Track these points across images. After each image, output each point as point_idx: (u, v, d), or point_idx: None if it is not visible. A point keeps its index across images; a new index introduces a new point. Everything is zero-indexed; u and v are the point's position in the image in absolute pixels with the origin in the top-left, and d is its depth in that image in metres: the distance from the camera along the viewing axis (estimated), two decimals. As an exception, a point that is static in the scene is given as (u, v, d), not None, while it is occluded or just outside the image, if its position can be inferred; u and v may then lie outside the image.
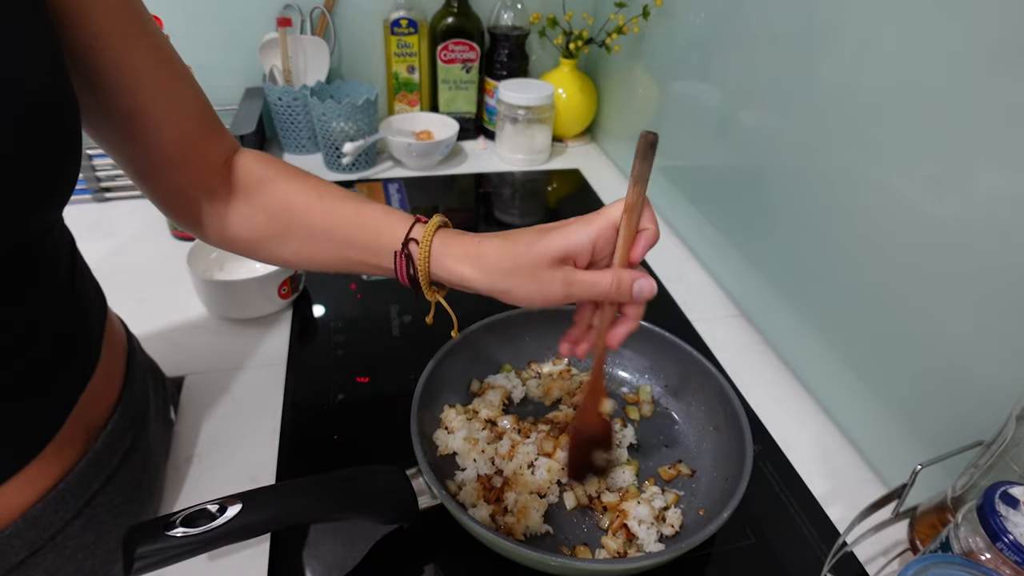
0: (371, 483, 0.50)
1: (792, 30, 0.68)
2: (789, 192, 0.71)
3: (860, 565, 0.53)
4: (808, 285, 0.70)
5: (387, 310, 0.78)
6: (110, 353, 0.50)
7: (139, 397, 0.53)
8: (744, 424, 0.55)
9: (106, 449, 0.47)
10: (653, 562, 0.46)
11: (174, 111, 0.45)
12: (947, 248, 0.52)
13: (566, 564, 0.47)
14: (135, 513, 0.51)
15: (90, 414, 0.46)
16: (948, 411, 0.54)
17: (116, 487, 0.48)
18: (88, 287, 0.49)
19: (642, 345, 0.66)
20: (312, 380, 0.68)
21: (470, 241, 0.46)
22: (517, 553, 0.46)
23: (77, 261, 0.48)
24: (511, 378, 0.66)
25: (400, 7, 1.12)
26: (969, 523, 0.40)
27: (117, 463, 0.48)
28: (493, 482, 0.56)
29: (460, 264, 0.45)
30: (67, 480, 0.44)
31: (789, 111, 0.70)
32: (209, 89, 0.49)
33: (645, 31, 1.01)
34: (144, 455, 0.52)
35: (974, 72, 0.48)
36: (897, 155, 0.56)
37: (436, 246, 0.46)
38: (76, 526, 0.45)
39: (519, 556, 0.47)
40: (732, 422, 0.56)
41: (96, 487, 0.46)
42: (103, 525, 0.47)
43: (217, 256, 0.79)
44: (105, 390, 0.49)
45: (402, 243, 0.46)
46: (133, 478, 0.50)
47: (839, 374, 0.66)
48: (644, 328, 0.64)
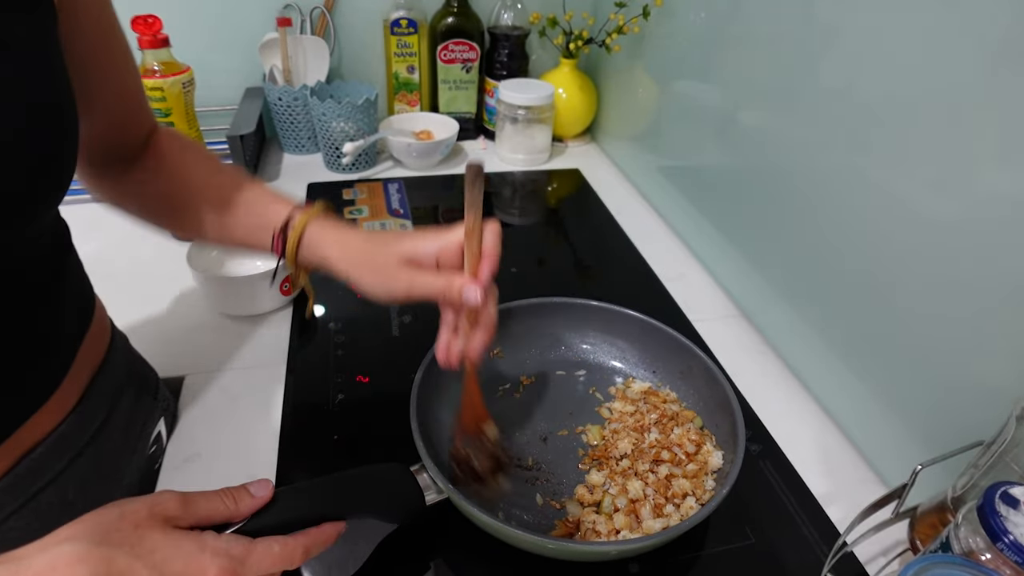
0: (376, 482, 0.49)
1: (792, 30, 0.68)
2: (789, 192, 0.71)
3: (860, 565, 0.53)
4: (808, 285, 0.70)
5: (387, 310, 0.78)
6: (79, 371, 0.49)
7: (88, 421, 0.50)
8: (733, 401, 0.56)
9: (28, 474, 0.45)
10: (650, 543, 0.47)
11: (114, 78, 0.48)
12: (947, 248, 0.52)
13: (562, 547, 0.49)
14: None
15: (23, 434, 0.44)
16: (948, 411, 0.54)
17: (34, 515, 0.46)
18: (72, 289, 0.49)
19: (630, 333, 0.68)
20: (312, 380, 0.68)
21: (342, 229, 0.52)
22: (520, 539, 0.48)
23: (68, 262, 0.48)
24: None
25: (400, 7, 1.12)
26: (969, 523, 0.40)
27: (36, 490, 0.46)
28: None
29: (327, 248, 0.51)
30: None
31: (789, 111, 0.70)
32: (209, 89, 0.49)
33: (645, 31, 1.01)
34: (74, 482, 0.49)
35: (974, 72, 0.48)
36: (897, 155, 0.56)
37: (312, 230, 0.51)
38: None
39: (520, 541, 0.48)
40: (721, 402, 0.58)
41: (11, 508, 0.45)
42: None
43: (217, 254, 0.79)
44: (53, 410, 0.47)
45: (282, 225, 0.51)
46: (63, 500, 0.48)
47: (839, 374, 0.66)
48: (631, 316, 0.67)
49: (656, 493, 0.55)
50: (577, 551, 0.51)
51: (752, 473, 0.60)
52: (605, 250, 0.95)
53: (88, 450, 0.50)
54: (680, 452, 0.58)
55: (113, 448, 0.54)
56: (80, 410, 0.49)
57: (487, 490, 0.54)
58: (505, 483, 0.55)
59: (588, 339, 0.70)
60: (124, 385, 0.56)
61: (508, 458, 0.57)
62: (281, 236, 0.51)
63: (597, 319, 0.69)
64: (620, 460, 0.58)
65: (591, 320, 0.69)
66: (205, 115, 1.07)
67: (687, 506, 0.54)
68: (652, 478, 0.56)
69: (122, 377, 0.56)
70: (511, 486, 0.56)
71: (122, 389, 0.55)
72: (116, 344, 0.56)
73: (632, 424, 0.61)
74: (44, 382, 0.45)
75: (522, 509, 0.55)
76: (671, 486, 0.55)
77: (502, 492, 0.55)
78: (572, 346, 0.70)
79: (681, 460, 0.58)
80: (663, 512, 0.54)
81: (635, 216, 1.01)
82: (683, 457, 0.58)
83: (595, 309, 0.68)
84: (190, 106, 0.82)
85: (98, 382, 0.51)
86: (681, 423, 0.61)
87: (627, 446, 0.59)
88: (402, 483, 0.50)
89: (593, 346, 0.70)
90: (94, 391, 0.51)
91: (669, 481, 0.56)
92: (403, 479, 0.50)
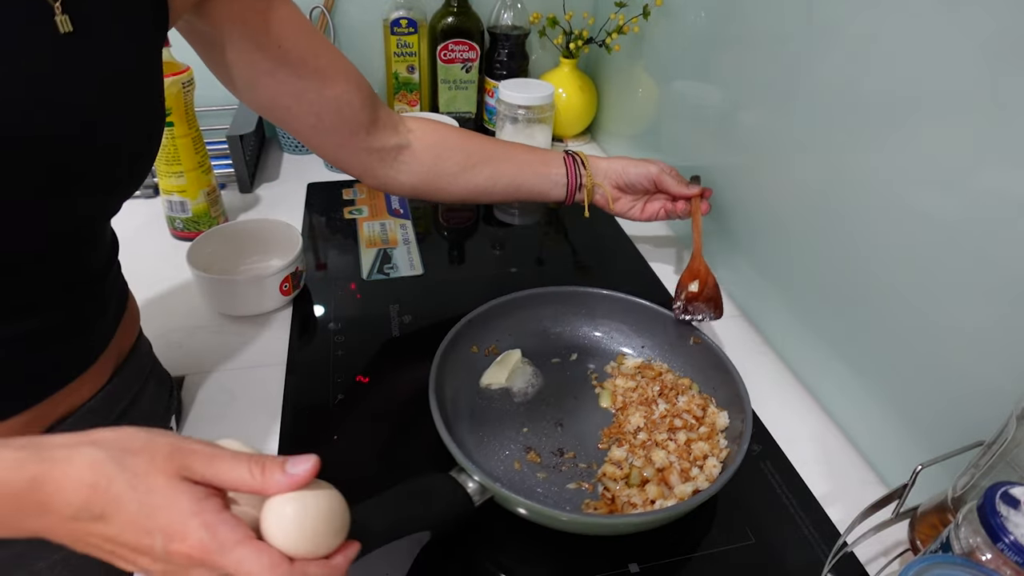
0: (429, 494, 0.49)
1: (792, 30, 0.68)
2: (789, 192, 0.71)
3: (860, 565, 0.53)
4: (808, 285, 0.70)
5: (387, 310, 0.78)
6: (109, 354, 0.52)
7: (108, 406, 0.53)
8: (726, 361, 0.63)
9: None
10: (706, 496, 0.51)
11: (351, 82, 0.62)
12: (948, 248, 0.52)
13: (621, 521, 0.53)
14: None
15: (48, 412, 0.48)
16: (948, 411, 0.54)
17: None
18: (116, 279, 0.54)
19: (613, 313, 0.72)
20: (312, 380, 0.68)
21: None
22: (575, 523, 0.51)
23: (116, 254, 0.54)
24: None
25: (400, 7, 1.12)
26: (970, 523, 0.40)
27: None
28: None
29: (597, 162, 0.77)
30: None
31: (789, 111, 0.70)
32: (209, 88, 0.50)
33: (645, 31, 1.01)
34: None
35: (975, 72, 0.48)
36: (897, 155, 0.56)
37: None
38: None
39: (574, 525, 0.51)
40: (714, 363, 0.64)
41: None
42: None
43: (217, 254, 0.79)
44: (85, 385, 0.50)
45: (565, 153, 0.76)
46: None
47: (839, 374, 0.66)
48: (612, 297, 0.71)
49: (679, 459, 0.58)
50: (635, 523, 0.52)
51: (752, 473, 0.60)
52: (605, 250, 0.95)
53: None
54: (690, 418, 0.62)
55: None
56: (109, 389, 0.52)
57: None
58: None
59: (575, 324, 0.73)
60: (148, 377, 0.59)
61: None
62: (570, 157, 0.75)
63: (580, 304, 0.72)
64: (636, 434, 0.61)
65: (575, 305, 0.72)
66: (205, 115, 1.07)
67: (710, 466, 0.57)
68: (672, 446, 0.59)
69: (146, 368, 0.59)
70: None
71: (146, 381, 0.58)
72: (142, 339, 0.60)
73: (637, 399, 0.65)
74: (81, 357, 0.49)
75: (559, 495, 0.57)
76: (691, 450, 0.59)
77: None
78: (561, 333, 0.73)
79: (692, 425, 0.61)
80: (690, 475, 0.57)
81: (635, 216, 1.01)
82: (693, 422, 0.62)
83: (578, 294, 0.72)
84: (190, 106, 0.82)
85: (125, 368, 0.55)
86: (682, 391, 0.65)
87: (639, 420, 0.62)
88: (451, 491, 0.50)
89: (580, 330, 0.73)
90: (122, 375, 0.54)
91: (689, 446, 0.59)
92: (451, 487, 0.50)
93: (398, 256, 0.89)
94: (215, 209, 0.90)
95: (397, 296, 0.80)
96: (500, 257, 0.93)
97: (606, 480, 0.57)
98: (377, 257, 0.88)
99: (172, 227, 0.89)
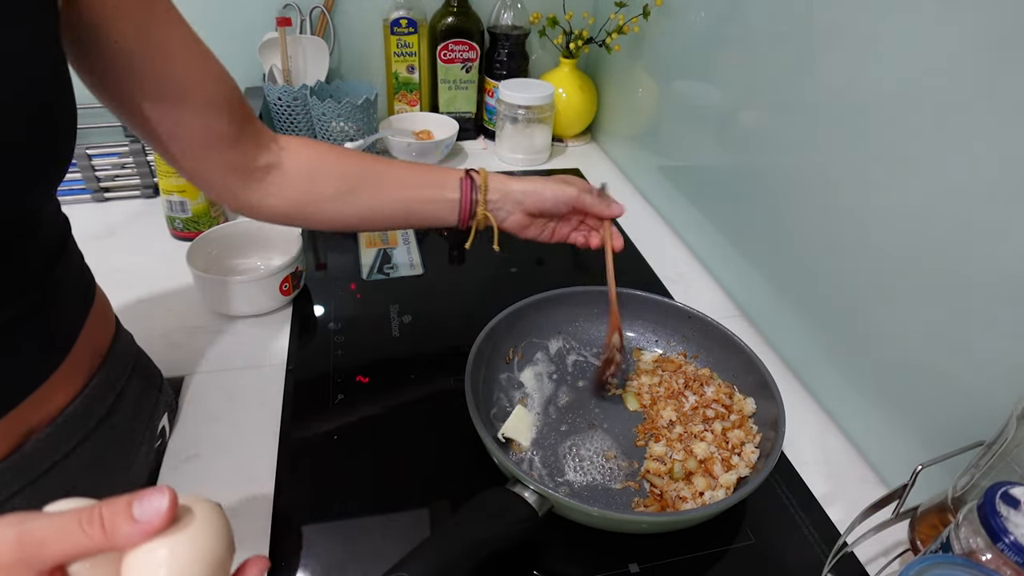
0: (495, 513, 0.48)
1: (792, 30, 0.68)
2: (789, 192, 0.71)
3: (861, 565, 0.53)
4: (808, 285, 0.70)
5: (387, 310, 0.78)
6: (81, 353, 0.50)
7: (88, 406, 0.51)
8: (746, 349, 0.63)
9: (34, 454, 0.46)
10: (760, 481, 0.51)
11: (219, 87, 0.52)
12: (948, 248, 0.52)
13: (681, 518, 0.52)
14: None
15: (30, 414, 0.45)
16: (948, 411, 0.54)
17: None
18: (72, 269, 0.50)
19: (627, 310, 0.71)
20: (312, 380, 0.68)
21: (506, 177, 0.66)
22: (635, 523, 0.51)
23: (68, 243, 0.49)
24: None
25: (400, 7, 1.12)
26: (970, 523, 0.40)
27: (40, 472, 0.46)
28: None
29: (506, 182, 0.64)
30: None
31: (789, 111, 0.70)
32: (209, 89, 0.49)
33: (645, 31, 1.01)
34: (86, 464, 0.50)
35: (974, 72, 0.48)
36: (898, 155, 0.56)
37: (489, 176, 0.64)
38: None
39: (634, 525, 0.52)
40: (732, 350, 0.64)
41: (14, 488, 0.45)
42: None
43: (217, 254, 0.79)
44: (59, 390, 0.48)
45: (464, 173, 0.63)
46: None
47: (839, 374, 0.66)
48: (624, 294, 0.70)
49: (719, 449, 0.58)
50: (694, 517, 0.51)
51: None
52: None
53: (94, 435, 0.51)
54: (719, 407, 0.62)
55: (119, 437, 0.54)
56: (87, 393, 0.50)
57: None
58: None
59: (588, 323, 0.72)
60: (131, 375, 0.57)
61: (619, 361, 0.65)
62: (468, 178, 0.63)
63: (591, 303, 0.71)
64: (671, 428, 0.61)
65: (586, 305, 0.72)
66: (205, 115, 1.07)
67: (748, 452, 0.58)
68: (710, 436, 0.60)
69: (128, 367, 0.57)
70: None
71: (129, 379, 0.56)
72: (121, 335, 0.57)
73: (664, 393, 0.65)
74: (45, 355, 0.46)
75: (609, 496, 0.57)
76: (729, 439, 0.59)
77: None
78: (576, 333, 0.72)
79: (723, 413, 0.62)
80: (731, 464, 0.57)
81: (635, 216, 1.01)
82: (723, 411, 0.62)
83: (589, 294, 0.71)
84: (190, 106, 0.82)
85: (104, 369, 0.53)
86: (705, 381, 0.65)
87: (671, 413, 0.62)
88: (516, 505, 0.49)
89: (595, 328, 0.72)
90: (100, 377, 0.52)
91: (726, 435, 0.60)
92: (514, 501, 0.49)
93: (398, 256, 0.89)
94: (215, 209, 0.90)
95: (397, 296, 0.80)
96: (500, 257, 0.93)
97: (651, 476, 0.57)
98: (377, 257, 0.88)
99: (172, 227, 0.89)
